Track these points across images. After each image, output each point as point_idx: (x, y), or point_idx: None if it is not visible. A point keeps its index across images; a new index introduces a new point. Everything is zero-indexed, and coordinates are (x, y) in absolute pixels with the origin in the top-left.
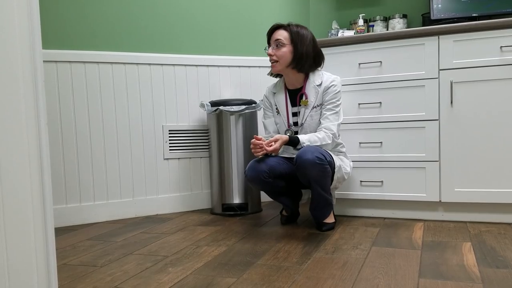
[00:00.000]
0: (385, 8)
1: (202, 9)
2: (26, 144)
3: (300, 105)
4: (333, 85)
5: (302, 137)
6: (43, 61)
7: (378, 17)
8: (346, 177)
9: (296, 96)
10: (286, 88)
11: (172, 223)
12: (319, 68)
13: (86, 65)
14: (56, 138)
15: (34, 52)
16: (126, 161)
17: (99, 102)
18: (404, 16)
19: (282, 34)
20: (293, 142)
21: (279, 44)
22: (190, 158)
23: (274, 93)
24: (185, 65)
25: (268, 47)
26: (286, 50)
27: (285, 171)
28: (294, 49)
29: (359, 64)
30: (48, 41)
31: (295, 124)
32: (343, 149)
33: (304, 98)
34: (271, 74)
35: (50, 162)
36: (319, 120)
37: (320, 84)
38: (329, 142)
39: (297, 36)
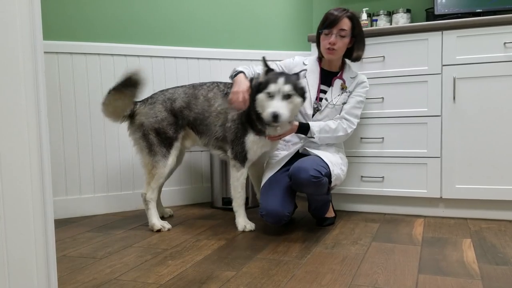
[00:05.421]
0: (389, 2)
1: (204, 2)
2: (26, 135)
3: (332, 86)
4: (365, 82)
5: (313, 126)
6: (44, 52)
7: (381, 12)
8: (343, 178)
9: (329, 77)
10: (320, 66)
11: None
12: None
13: (87, 57)
14: (56, 130)
15: (35, 43)
16: (126, 153)
17: (100, 94)
18: (408, 11)
19: (347, 25)
20: (303, 129)
21: (342, 34)
22: (191, 151)
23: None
24: (187, 57)
25: (328, 32)
26: (346, 42)
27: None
28: (352, 41)
29: (362, 58)
30: (49, 32)
31: (320, 99)
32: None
33: (343, 82)
34: (320, 56)
35: (50, 153)
36: (341, 107)
37: (354, 77)
38: (342, 135)
39: (358, 28)
